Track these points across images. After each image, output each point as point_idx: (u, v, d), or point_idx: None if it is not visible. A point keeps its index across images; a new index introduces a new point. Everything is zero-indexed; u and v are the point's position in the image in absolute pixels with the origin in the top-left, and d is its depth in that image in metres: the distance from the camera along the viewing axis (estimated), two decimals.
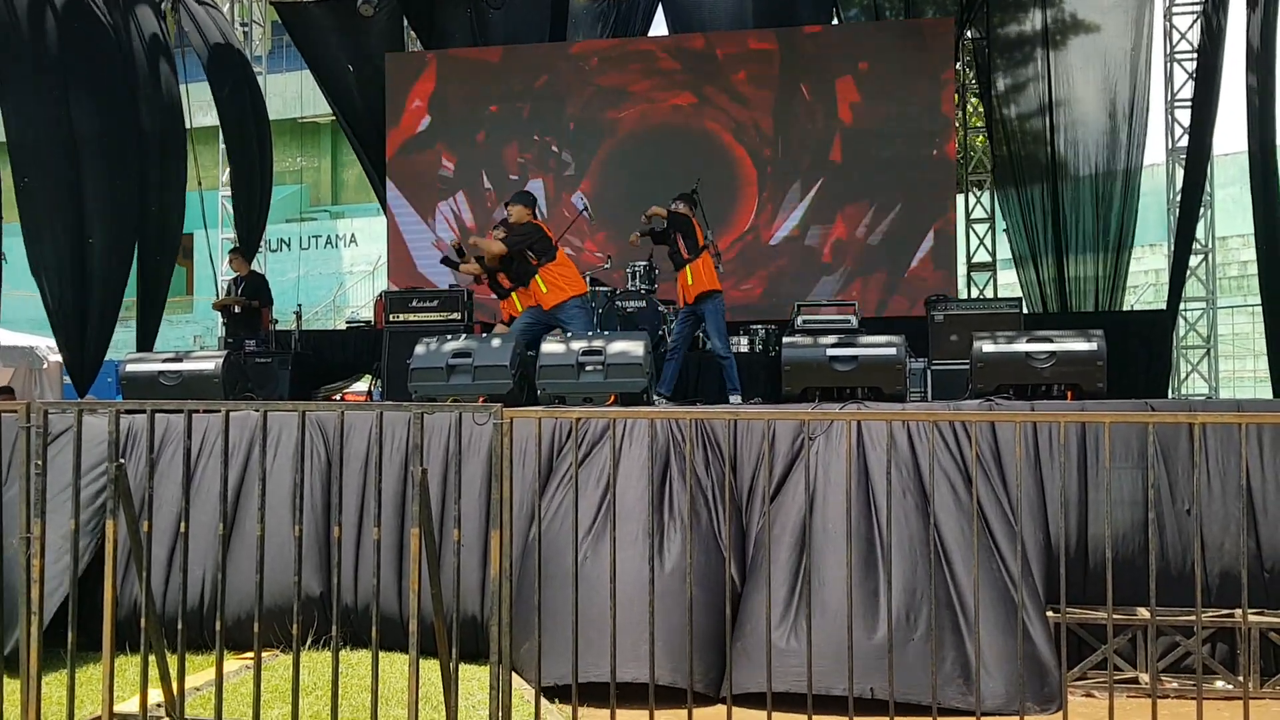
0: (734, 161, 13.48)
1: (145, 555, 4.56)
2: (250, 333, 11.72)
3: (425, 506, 4.27)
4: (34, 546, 4.38)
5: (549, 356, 7.39)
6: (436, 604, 4.40)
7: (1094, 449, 6.03)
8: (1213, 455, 5.99)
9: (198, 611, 6.42)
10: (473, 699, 5.29)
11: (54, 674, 5.32)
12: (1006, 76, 14.20)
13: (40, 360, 14.15)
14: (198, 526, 6.51)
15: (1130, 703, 5.39)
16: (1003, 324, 9.00)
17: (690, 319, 9.26)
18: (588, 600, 5.53)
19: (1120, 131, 13.32)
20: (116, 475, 4.40)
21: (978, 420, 5.10)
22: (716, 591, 5.60)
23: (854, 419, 6.00)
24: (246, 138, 13.85)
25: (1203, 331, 13.24)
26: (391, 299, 11.00)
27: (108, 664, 4.41)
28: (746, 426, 6.21)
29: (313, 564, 6.46)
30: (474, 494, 6.35)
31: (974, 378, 7.33)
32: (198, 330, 23.29)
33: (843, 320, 9.97)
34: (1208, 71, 11.75)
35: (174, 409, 5.07)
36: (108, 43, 11.27)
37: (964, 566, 5.70)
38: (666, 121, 13.71)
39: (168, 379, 7.74)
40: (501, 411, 4.28)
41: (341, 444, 4.78)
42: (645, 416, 5.78)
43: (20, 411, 4.49)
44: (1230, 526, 5.81)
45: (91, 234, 10.85)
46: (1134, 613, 5.74)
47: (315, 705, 5.11)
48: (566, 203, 13.34)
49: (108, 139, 11.07)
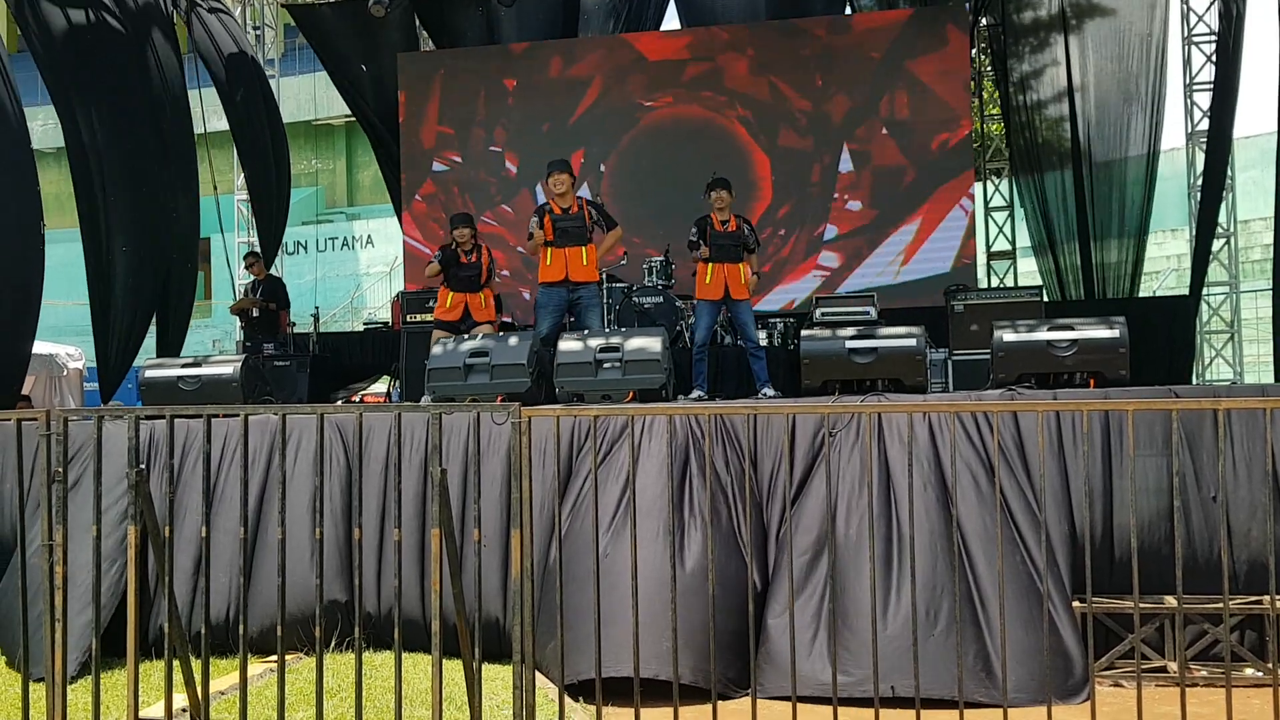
0: (748, 154, 13.43)
1: (168, 561, 4.56)
2: (268, 336, 11.76)
3: (445, 507, 4.27)
4: (56, 554, 4.39)
5: (566, 354, 7.37)
6: (458, 604, 4.39)
7: (1118, 437, 5.99)
8: (1238, 441, 5.93)
9: (222, 616, 6.43)
10: (496, 699, 5.29)
11: (79, 680, 5.35)
12: (1023, 62, 14.10)
13: (61, 368, 14.23)
14: (220, 532, 6.53)
15: (1159, 692, 5.34)
16: (1023, 312, 8.92)
17: (712, 314, 9.00)
18: (609, 598, 5.53)
19: (1138, 116, 13.22)
20: (137, 481, 4.41)
21: (1000, 410, 5.06)
22: (738, 590, 5.57)
23: (874, 411, 5.97)
24: (260, 143, 13.89)
25: (1226, 316, 13.12)
26: (408, 299, 11.00)
27: (132, 669, 4.42)
28: (766, 421, 6.18)
29: (335, 567, 6.47)
30: (494, 494, 6.35)
31: (995, 367, 7.27)
32: (216, 334, 23.39)
33: (861, 312, 9.92)
34: (1227, 54, 11.63)
35: (193, 414, 5.07)
36: (123, 50, 11.32)
37: (985, 559, 5.67)
38: (679, 116, 13.67)
39: (187, 384, 7.75)
40: (520, 410, 4.26)
41: (361, 446, 4.77)
42: (664, 413, 5.76)
43: (40, 419, 4.50)
44: (1257, 512, 5.75)
45: (124, 243, 10.95)
46: (1161, 601, 5.69)
47: (339, 708, 5.12)
48: None
49: (127, 145, 11.13)
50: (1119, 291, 13.15)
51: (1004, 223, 14.95)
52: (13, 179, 8.47)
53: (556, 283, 8.57)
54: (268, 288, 12.15)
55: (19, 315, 8.54)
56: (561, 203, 8.60)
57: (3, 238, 8.38)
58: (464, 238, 9.43)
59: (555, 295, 8.57)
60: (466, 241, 9.43)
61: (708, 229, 8.76)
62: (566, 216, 8.56)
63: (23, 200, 8.54)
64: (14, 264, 8.47)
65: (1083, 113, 13.53)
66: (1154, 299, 14.30)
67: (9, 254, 8.43)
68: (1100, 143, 13.51)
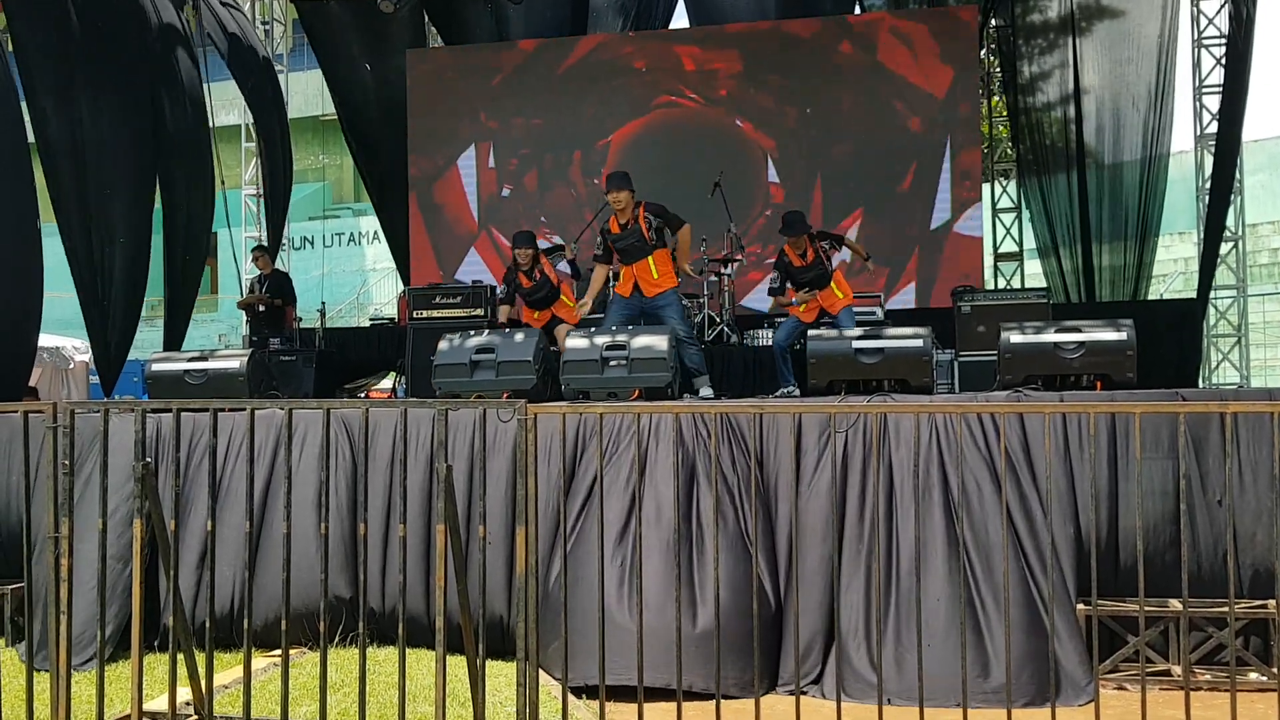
0: (756, 153, 13.42)
1: (174, 555, 4.57)
2: (275, 331, 11.77)
3: (450, 503, 4.27)
4: (62, 546, 4.40)
5: (573, 352, 7.37)
6: (463, 600, 4.39)
7: (1124, 440, 5.97)
8: (1244, 445, 5.92)
9: (226, 610, 6.44)
10: (499, 695, 5.29)
11: (83, 673, 5.36)
12: (1031, 64, 14.08)
13: (66, 360, 14.25)
14: (225, 526, 6.53)
15: (1162, 695, 5.33)
16: (1030, 314, 8.90)
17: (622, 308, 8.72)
18: (613, 602, 5.53)
19: (1147, 119, 13.19)
20: (143, 475, 4.41)
21: (1006, 412, 5.05)
22: (745, 593, 5.56)
23: (880, 412, 5.96)
24: (270, 135, 13.91)
25: (1233, 320, 13.10)
26: (415, 295, 11.01)
27: (136, 662, 4.43)
28: (773, 421, 6.17)
29: (339, 562, 6.47)
30: (499, 491, 6.34)
31: (1002, 369, 7.25)
32: (222, 329, 23.40)
33: (867, 312, 9.90)
34: (1237, 57, 11.60)
35: (199, 408, 5.08)
36: (131, 42, 11.32)
37: (987, 564, 5.67)
38: (688, 114, 13.66)
39: (193, 378, 7.75)
40: (526, 407, 4.26)
41: (367, 442, 4.77)
42: (670, 411, 5.76)
43: (47, 412, 4.51)
44: (1263, 517, 5.73)
45: (121, 234, 10.94)
46: (1166, 605, 5.68)
47: (343, 703, 5.13)
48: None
49: (130, 138, 11.14)
50: (1126, 294, 13.13)
51: (1011, 224, 14.93)
52: (12, 172, 8.50)
53: (630, 296, 8.38)
54: (274, 283, 12.17)
55: (24, 308, 8.57)
56: (620, 218, 8.26)
57: (4, 232, 8.41)
58: (525, 258, 9.10)
59: (627, 304, 8.37)
60: (527, 261, 9.10)
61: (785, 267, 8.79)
62: (624, 234, 8.24)
63: (20, 193, 8.58)
64: (16, 257, 8.49)
65: (1090, 115, 13.51)
66: (1161, 302, 14.27)
67: (11, 247, 8.46)
68: (1107, 145, 13.50)
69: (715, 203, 10.84)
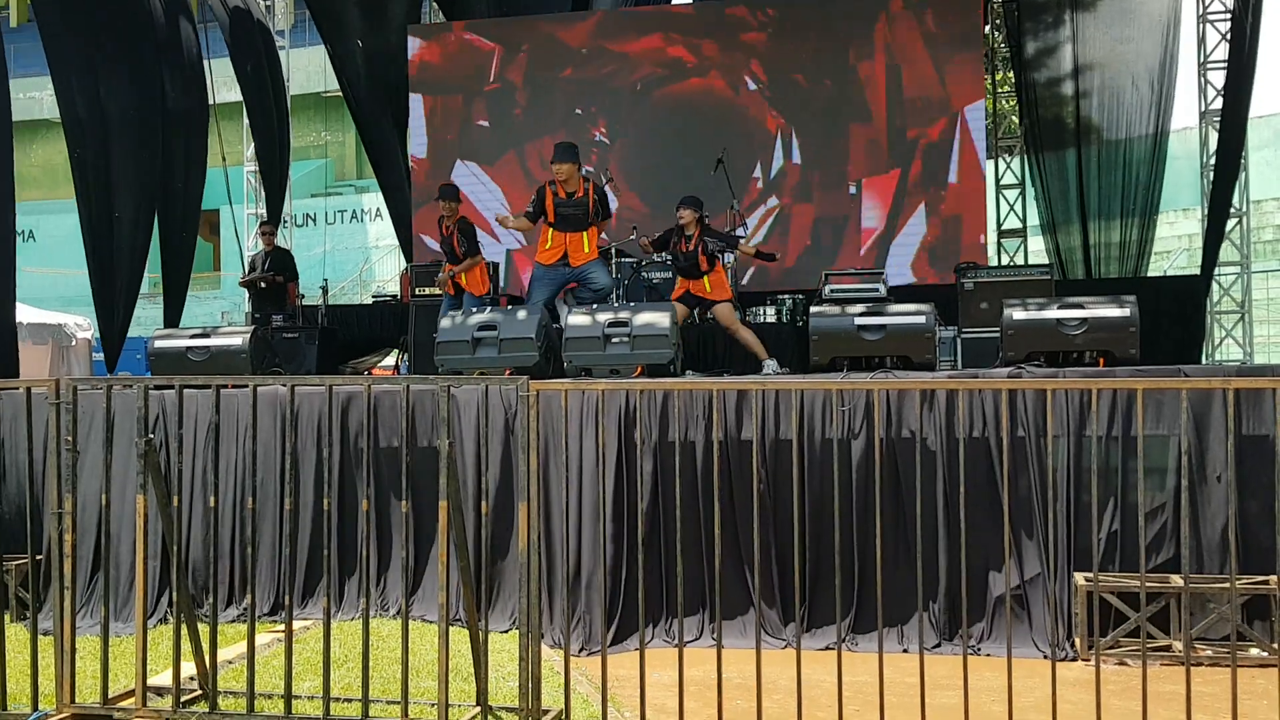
0: (759, 128, 13.36)
1: (177, 530, 4.59)
2: (277, 308, 11.76)
3: (453, 479, 4.28)
4: (65, 521, 4.42)
5: (575, 328, 7.37)
6: (464, 575, 4.41)
7: (1126, 416, 5.97)
8: (1246, 421, 5.91)
9: (229, 585, 6.47)
10: (502, 669, 5.32)
11: (87, 647, 5.37)
12: (1036, 40, 14.00)
13: (69, 337, 14.27)
14: (229, 502, 6.56)
15: (1163, 670, 5.35)
16: (1033, 291, 8.87)
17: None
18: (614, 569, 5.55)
19: (1151, 94, 13.12)
20: (146, 450, 4.42)
21: (1008, 388, 5.05)
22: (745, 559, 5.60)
23: (883, 388, 5.96)
24: (267, 112, 13.87)
25: (1236, 296, 13.07)
26: (417, 272, 10.99)
27: (140, 637, 4.46)
28: (774, 396, 6.18)
29: (341, 537, 6.49)
30: (501, 467, 6.36)
31: (1005, 345, 7.24)
32: (225, 306, 23.41)
33: (871, 289, 9.87)
34: (1243, 32, 11.52)
35: (202, 384, 5.08)
36: (133, 17, 11.29)
37: (991, 537, 5.70)
38: (692, 90, 13.57)
39: (196, 354, 7.76)
40: (528, 384, 4.27)
41: (370, 418, 4.77)
42: (671, 388, 5.76)
43: (50, 388, 4.52)
44: (1263, 493, 5.74)
45: (118, 209, 10.95)
46: (1167, 580, 5.70)
47: (346, 677, 5.15)
48: None
49: (134, 113, 11.15)
50: (1128, 270, 13.09)
51: (1015, 200, 14.88)
52: None
53: (554, 263, 8.58)
54: (276, 260, 12.15)
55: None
56: (567, 187, 8.48)
57: None
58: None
59: (553, 272, 8.61)
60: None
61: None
62: (571, 201, 8.43)
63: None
64: None
65: (1094, 90, 13.43)
66: (1165, 279, 14.23)
67: None
68: (1110, 121, 13.43)
69: (718, 178, 10.81)
